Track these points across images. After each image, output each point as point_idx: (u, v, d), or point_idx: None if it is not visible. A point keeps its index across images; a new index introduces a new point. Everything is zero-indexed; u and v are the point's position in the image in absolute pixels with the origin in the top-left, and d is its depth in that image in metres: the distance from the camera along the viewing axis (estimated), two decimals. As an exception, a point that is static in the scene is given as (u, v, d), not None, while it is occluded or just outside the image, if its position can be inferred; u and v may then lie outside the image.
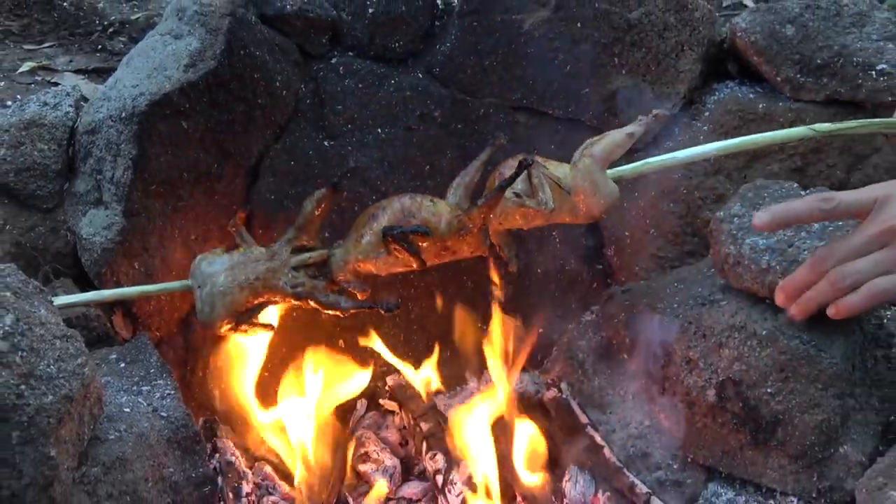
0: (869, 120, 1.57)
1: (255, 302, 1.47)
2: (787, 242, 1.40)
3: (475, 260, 1.60)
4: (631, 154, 1.68)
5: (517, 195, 1.44)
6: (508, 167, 1.46)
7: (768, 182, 1.59)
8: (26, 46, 2.10)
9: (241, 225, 1.52)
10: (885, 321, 1.55)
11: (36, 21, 2.18)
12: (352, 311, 1.49)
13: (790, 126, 1.65)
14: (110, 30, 2.18)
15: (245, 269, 1.43)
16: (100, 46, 2.13)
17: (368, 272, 1.50)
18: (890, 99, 1.66)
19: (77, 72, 2.01)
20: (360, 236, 1.46)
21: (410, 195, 1.48)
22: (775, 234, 1.41)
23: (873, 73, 1.64)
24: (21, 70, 1.99)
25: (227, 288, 1.42)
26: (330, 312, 1.49)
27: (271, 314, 1.61)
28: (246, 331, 1.53)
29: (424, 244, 1.46)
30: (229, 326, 1.49)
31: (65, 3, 2.22)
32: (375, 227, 1.45)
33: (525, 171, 1.45)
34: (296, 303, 1.49)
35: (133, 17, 2.22)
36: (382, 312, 1.49)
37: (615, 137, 1.50)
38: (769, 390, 1.39)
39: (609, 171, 1.48)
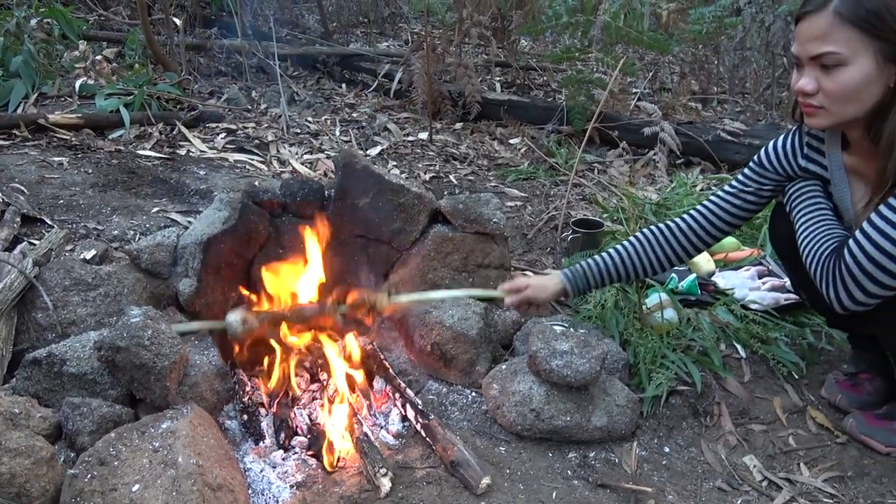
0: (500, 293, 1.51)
1: (251, 338, 1.55)
2: (571, 363, 1.33)
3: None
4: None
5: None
6: (362, 294, 1.52)
7: (546, 325, 1.50)
8: (154, 200, 2.11)
9: (243, 294, 1.61)
10: (495, 316, 1.63)
11: (160, 190, 2.17)
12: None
13: (465, 240, 1.69)
14: (194, 194, 2.19)
15: (249, 325, 1.46)
16: (188, 202, 2.14)
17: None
18: (498, 231, 1.71)
19: (179, 213, 2.03)
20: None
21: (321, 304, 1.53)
22: (563, 358, 1.32)
23: (492, 221, 1.71)
24: (153, 212, 2.02)
25: (240, 332, 1.45)
26: (280, 349, 1.56)
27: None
28: (244, 344, 1.60)
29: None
30: (238, 342, 1.57)
31: (171, 181, 2.23)
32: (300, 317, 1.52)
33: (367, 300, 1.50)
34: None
35: (202, 188, 2.21)
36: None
37: (419, 296, 1.56)
38: (453, 347, 1.53)
39: (398, 298, 1.54)
